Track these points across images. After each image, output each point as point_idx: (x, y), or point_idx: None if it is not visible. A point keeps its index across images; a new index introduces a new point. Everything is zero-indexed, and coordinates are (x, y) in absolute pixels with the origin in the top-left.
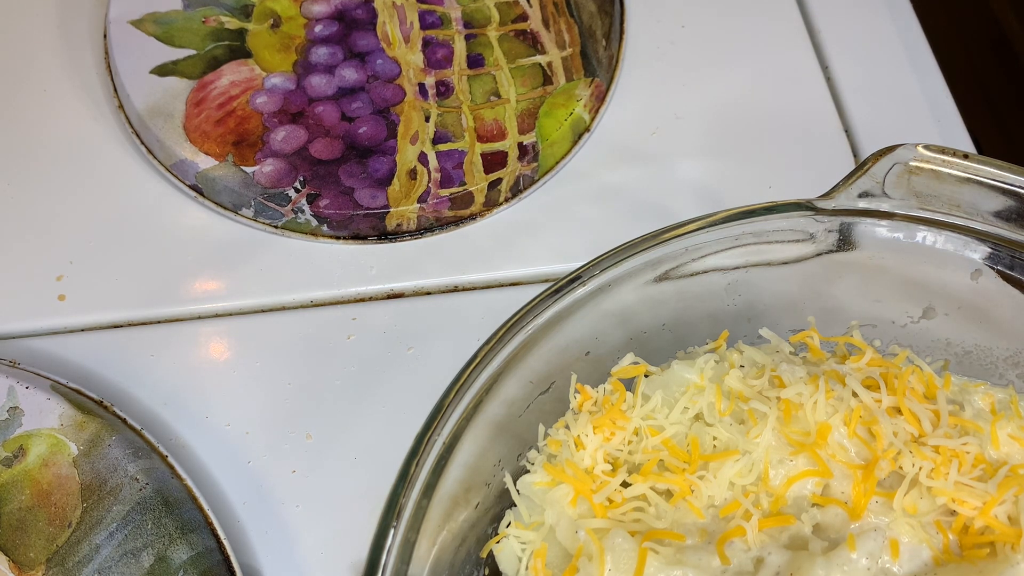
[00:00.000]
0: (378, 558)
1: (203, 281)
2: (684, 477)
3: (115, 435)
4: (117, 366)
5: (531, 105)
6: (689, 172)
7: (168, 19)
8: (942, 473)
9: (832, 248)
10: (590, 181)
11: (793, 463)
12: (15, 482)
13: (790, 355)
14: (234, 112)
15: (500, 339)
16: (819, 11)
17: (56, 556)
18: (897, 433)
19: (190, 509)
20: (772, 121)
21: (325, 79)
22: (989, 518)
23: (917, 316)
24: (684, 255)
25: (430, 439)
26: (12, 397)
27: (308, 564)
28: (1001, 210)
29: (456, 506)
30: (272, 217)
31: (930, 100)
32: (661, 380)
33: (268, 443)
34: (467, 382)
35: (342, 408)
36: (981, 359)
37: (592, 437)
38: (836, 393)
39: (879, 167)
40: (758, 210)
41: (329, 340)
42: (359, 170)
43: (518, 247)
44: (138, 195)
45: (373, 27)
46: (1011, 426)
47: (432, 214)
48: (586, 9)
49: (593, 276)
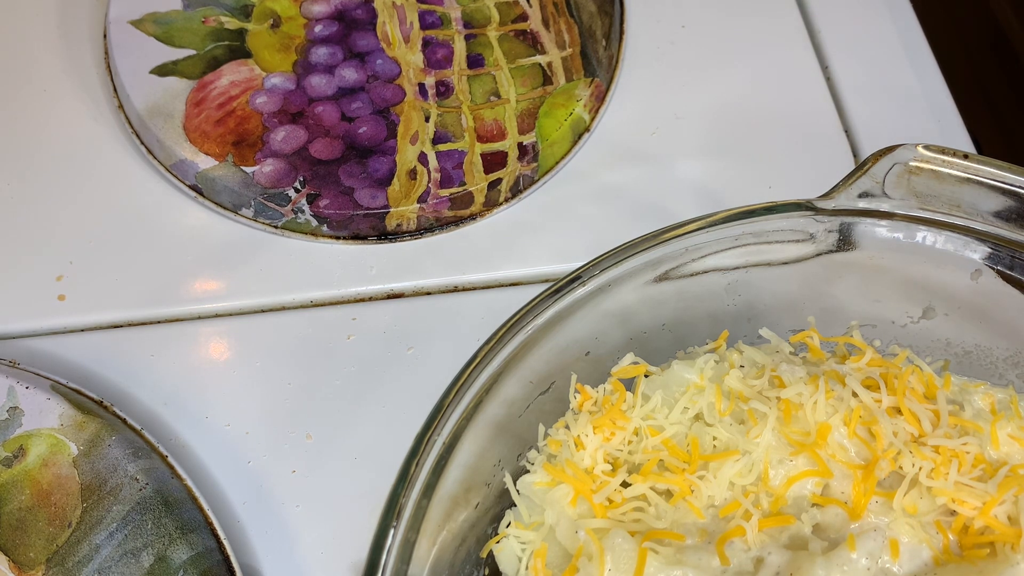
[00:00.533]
0: (378, 558)
1: (203, 281)
2: (684, 477)
3: (115, 435)
4: (117, 366)
5: (531, 105)
6: (689, 172)
7: (168, 19)
8: (942, 473)
9: (832, 248)
10: (590, 181)
11: (793, 463)
12: (15, 482)
13: (790, 355)
14: (234, 112)
15: (500, 339)
16: (819, 11)
17: (56, 556)
18: (897, 433)
19: (190, 509)
20: (772, 121)
21: (325, 79)
22: (989, 518)
23: (917, 316)
24: (684, 255)
25: (430, 439)
26: (12, 397)
27: (308, 564)
28: (1001, 210)
29: (456, 506)
30: (272, 217)
31: (930, 100)
32: (661, 380)
33: (268, 443)
34: (467, 382)
35: (342, 408)
36: (981, 359)
37: (592, 437)
38: (836, 393)
39: (879, 167)
40: (758, 210)
41: (329, 340)
42: (359, 170)
43: (518, 247)
44: (138, 195)
45: (373, 27)
46: (1011, 426)
47: (432, 214)
48: (586, 9)
49: (593, 276)
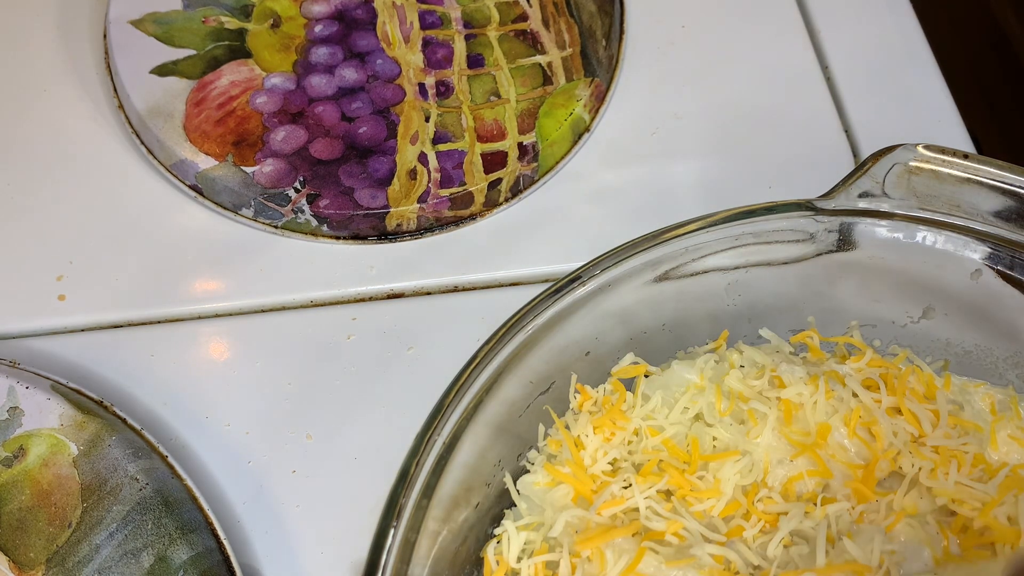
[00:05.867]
0: (378, 558)
1: (203, 281)
2: (684, 477)
3: (115, 435)
4: (117, 366)
5: (531, 105)
6: (689, 172)
7: (168, 19)
8: (942, 473)
9: (832, 248)
10: (590, 181)
11: (793, 463)
12: (15, 482)
13: (790, 355)
14: (234, 112)
15: (500, 339)
16: (819, 11)
17: (56, 556)
18: (897, 433)
19: (190, 509)
20: (772, 121)
21: (325, 79)
22: (989, 519)
23: (917, 316)
24: (684, 255)
25: (430, 439)
26: (12, 397)
27: (308, 564)
28: (1001, 210)
29: (456, 506)
30: (272, 217)
31: (930, 100)
32: (661, 380)
33: (268, 443)
34: (467, 382)
35: (342, 408)
36: (981, 359)
37: (592, 437)
38: (836, 393)
39: (879, 167)
40: (758, 210)
41: (329, 340)
42: (359, 170)
43: (518, 247)
44: (138, 195)
45: (373, 27)
46: (1010, 426)
47: (432, 214)
48: (586, 9)
49: (593, 276)
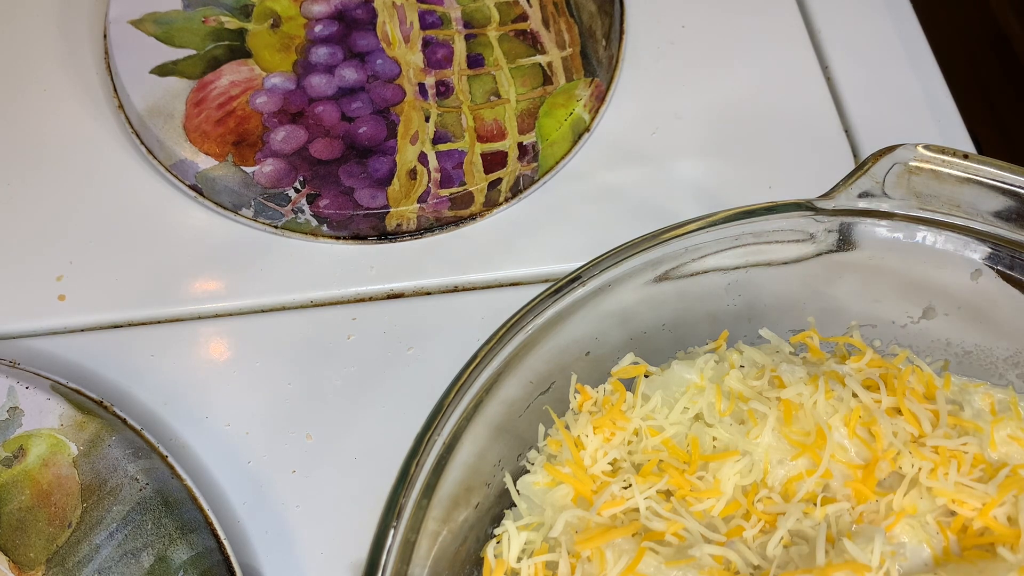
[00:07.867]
0: (378, 558)
1: (203, 281)
2: (684, 477)
3: (115, 435)
4: (117, 366)
5: (531, 105)
6: (689, 172)
7: (168, 19)
8: (942, 473)
9: (832, 248)
10: (590, 181)
11: (793, 464)
12: (15, 482)
13: (790, 355)
14: (234, 112)
15: (500, 339)
16: (819, 11)
17: (56, 556)
18: (897, 433)
19: (190, 509)
20: (772, 121)
21: (325, 79)
22: (988, 519)
23: (917, 316)
24: (684, 255)
25: (430, 439)
26: (12, 397)
27: (308, 564)
28: (1001, 210)
29: (456, 506)
30: (272, 217)
31: (930, 100)
32: (661, 380)
33: (268, 443)
34: (467, 382)
35: (342, 408)
36: (981, 359)
37: (592, 437)
38: (836, 393)
39: (879, 167)
40: (758, 210)
41: (329, 340)
42: (359, 170)
43: (518, 247)
44: (138, 195)
45: (373, 27)
46: (1010, 426)
47: (432, 214)
48: (586, 9)
49: (593, 276)
